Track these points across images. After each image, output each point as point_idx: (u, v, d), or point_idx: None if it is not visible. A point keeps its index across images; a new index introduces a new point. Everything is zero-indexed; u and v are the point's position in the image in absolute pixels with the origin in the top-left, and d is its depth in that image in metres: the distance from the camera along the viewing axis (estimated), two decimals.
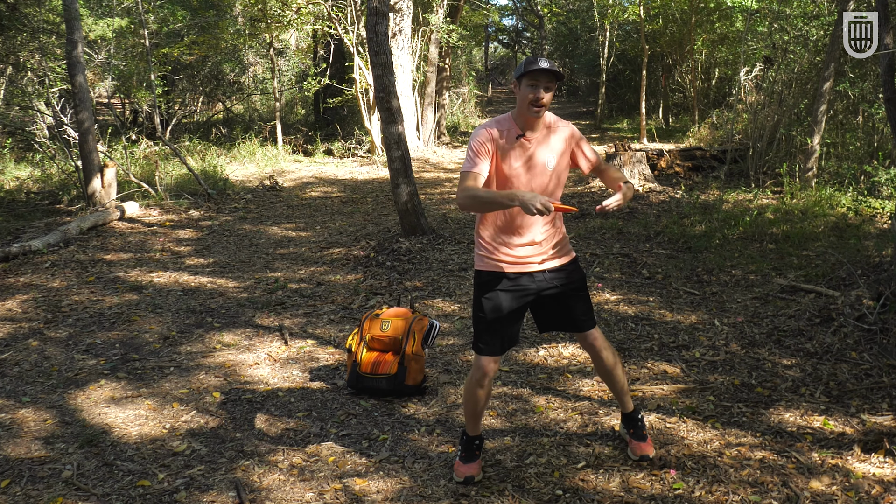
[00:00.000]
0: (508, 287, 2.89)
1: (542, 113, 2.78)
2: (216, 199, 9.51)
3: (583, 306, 2.99)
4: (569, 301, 2.97)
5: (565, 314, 3.00)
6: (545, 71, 2.71)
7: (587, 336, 3.01)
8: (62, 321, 5.14)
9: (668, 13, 16.64)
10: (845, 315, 4.56)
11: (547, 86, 2.74)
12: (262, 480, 3.08)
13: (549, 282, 2.92)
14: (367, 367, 3.85)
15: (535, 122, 2.82)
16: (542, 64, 2.71)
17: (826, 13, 10.64)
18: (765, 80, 11.52)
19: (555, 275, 2.93)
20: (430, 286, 5.75)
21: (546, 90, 2.74)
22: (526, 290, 2.90)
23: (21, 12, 9.10)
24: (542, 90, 2.73)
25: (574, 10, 26.64)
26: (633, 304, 5.21)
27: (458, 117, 20.63)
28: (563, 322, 3.03)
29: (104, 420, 3.64)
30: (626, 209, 8.28)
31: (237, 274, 6.34)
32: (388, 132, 7.03)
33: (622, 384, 3.13)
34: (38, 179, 10.79)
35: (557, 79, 2.75)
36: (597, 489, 2.93)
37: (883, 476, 2.93)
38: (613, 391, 3.18)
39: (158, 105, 14.44)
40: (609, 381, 3.13)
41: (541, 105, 2.75)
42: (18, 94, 12.19)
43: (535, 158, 2.85)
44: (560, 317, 3.01)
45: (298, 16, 14.08)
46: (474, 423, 3.08)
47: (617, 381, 3.12)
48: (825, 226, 7.06)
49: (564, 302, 2.97)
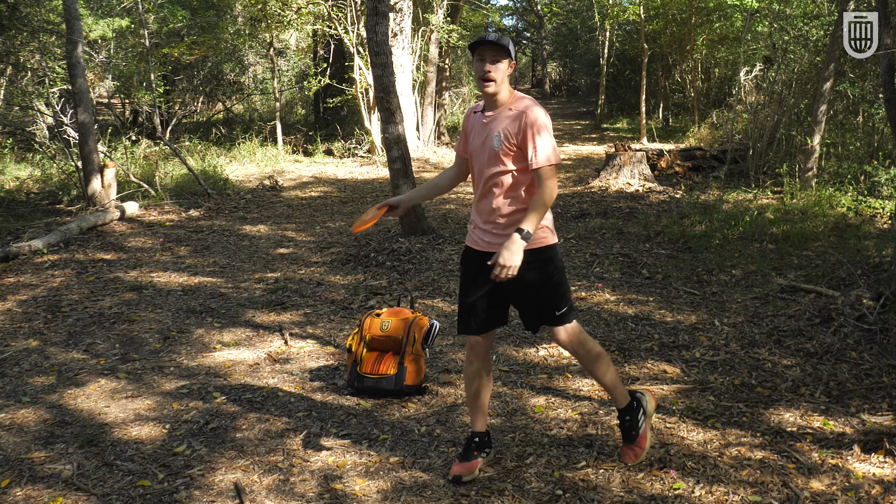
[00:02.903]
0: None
1: (491, 88, 2.76)
2: (216, 199, 9.51)
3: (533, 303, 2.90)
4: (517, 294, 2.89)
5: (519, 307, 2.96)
6: (489, 44, 2.73)
7: (552, 334, 2.93)
8: (62, 321, 5.14)
9: (668, 13, 16.64)
10: (845, 315, 4.56)
11: (493, 59, 2.74)
12: (262, 480, 3.08)
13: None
14: (367, 367, 3.85)
15: (490, 99, 2.82)
16: (487, 38, 2.73)
17: (826, 13, 10.64)
18: (765, 80, 11.53)
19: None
20: (430, 286, 5.75)
21: (492, 63, 2.74)
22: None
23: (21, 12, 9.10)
24: (487, 63, 2.74)
25: (574, 10, 26.65)
26: (633, 304, 5.21)
27: (459, 117, 20.62)
28: (520, 314, 2.99)
29: (104, 420, 3.64)
30: (626, 210, 8.28)
31: (237, 274, 6.34)
32: (388, 132, 7.03)
33: (604, 383, 3.04)
34: (38, 179, 10.79)
35: (504, 52, 2.74)
36: (597, 489, 2.93)
37: (883, 476, 2.93)
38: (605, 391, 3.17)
39: (158, 105, 14.43)
40: (594, 380, 3.11)
41: (488, 79, 2.74)
42: (18, 94, 12.19)
43: (486, 136, 2.83)
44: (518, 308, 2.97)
45: (298, 16, 14.08)
46: (471, 415, 3.09)
47: (597, 381, 3.06)
48: (825, 226, 7.06)
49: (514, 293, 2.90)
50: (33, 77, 11.49)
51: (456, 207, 9.05)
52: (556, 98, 30.76)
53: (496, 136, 2.79)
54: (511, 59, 2.79)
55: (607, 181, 9.59)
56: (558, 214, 8.19)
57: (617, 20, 18.35)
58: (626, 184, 9.44)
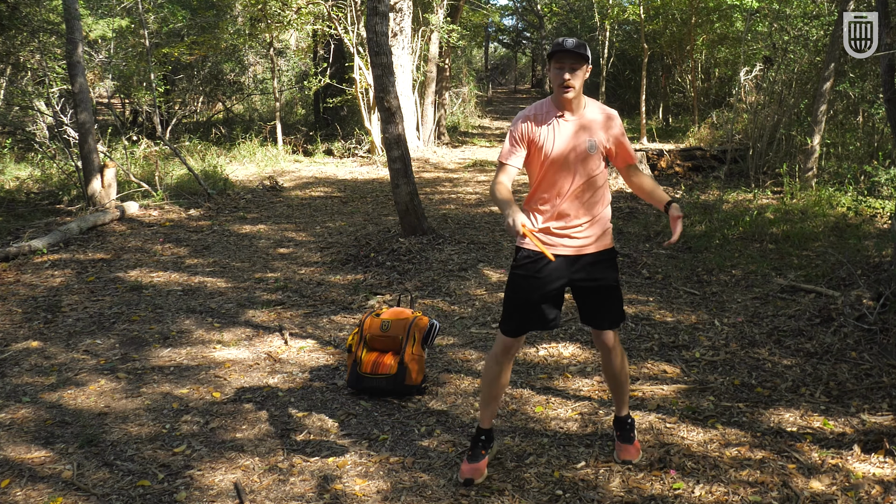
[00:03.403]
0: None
1: (570, 94, 2.81)
2: (216, 199, 9.51)
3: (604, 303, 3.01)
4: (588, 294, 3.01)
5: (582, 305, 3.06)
6: (568, 52, 2.76)
7: (601, 334, 3.05)
8: (62, 321, 5.14)
9: (668, 13, 16.64)
10: (845, 315, 4.56)
11: (572, 66, 2.78)
12: (262, 480, 3.08)
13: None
14: (368, 367, 3.84)
15: (568, 102, 2.85)
16: (566, 45, 2.76)
17: (826, 13, 10.64)
18: (765, 80, 11.52)
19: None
20: (430, 286, 5.75)
21: (571, 71, 2.78)
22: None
23: (21, 12, 9.09)
24: (566, 72, 2.78)
25: (574, 10, 26.65)
26: (633, 304, 5.21)
27: (459, 117, 20.62)
28: (583, 313, 3.09)
29: (104, 420, 3.64)
30: (626, 210, 8.28)
31: (237, 274, 6.34)
32: (387, 132, 7.03)
33: (627, 385, 3.17)
34: (38, 179, 10.79)
35: (583, 59, 2.78)
36: (597, 489, 2.93)
37: (883, 476, 2.93)
38: (613, 394, 3.20)
39: (158, 105, 14.43)
40: (613, 384, 3.16)
41: (568, 86, 2.79)
42: (18, 94, 12.19)
43: (575, 140, 2.88)
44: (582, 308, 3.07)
45: (298, 16, 14.08)
46: (484, 412, 3.10)
47: (619, 386, 3.15)
48: (825, 226, 7.06)
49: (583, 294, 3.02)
50: (33, 77, 11.49)
51: (456, 207, 9.05)
52: None
53: (589, 140, 2.88)
54: (588, 64, 2.84)
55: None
56: None
57: (617, 20, 18.35)
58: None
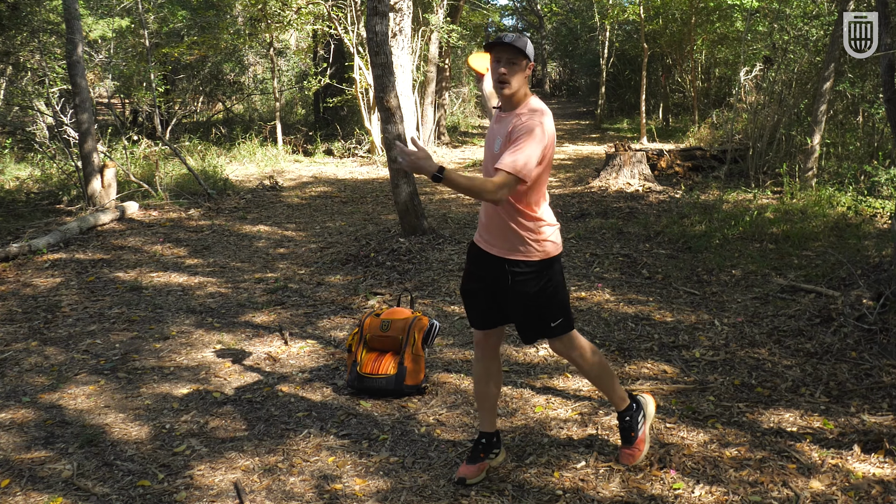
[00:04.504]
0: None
1: (505, 89, 2.72)
2: (216, 199, 9.51)
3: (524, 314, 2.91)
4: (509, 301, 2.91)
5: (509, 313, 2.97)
6: (505, 45, 2.69)
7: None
8: (62, 321, 5.14)
9: (667, 13, 16.64)
10: (845, 315, 4.56)
11: (508, 59, 2.70)
12: (262, 480, 3.08)
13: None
14: (367, 367, 3.85)
15: (505, 99, 2.79)
16: (504, 39, 2.69)
17: (826, 13, 10.64)
18: (765, 80, 11.52)
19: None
20: (430, 286, 5.75)
21: (508, 65, 2.69)
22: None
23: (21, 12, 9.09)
24: (502, 66, 2.70)
25: (574, 10, 26.66)
26: (633, 304, 5.21)
27: (458, 117, 20.63)
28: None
29: (104, 420, 3.64)
30: (626, 210, 8.27)
31: (237, 274, 6.34)
32: (387, 132, 7.03)
33: (602, 388, 3.08)
34: (38, 179, 10.79)
35: (520, 54, 2.70)
36: (597, 489, 2.93)
37: (883, 476, 2.93)
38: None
39: (158, 105, 14.43)
40: (594, 383, 3.12)
41: (503, 81, 2.71)
42: (18, 94, 12.18)
43: (492, 136, 2.84)
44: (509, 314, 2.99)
45: (298, 16, 14.07)
46: (480, 414, 3.10)
47: (596, 387, 3.12)
48: (825, 226, 7.06)
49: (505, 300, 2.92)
50: (33, 77, 11.48)
51: (456, 208, 9.05)
52: (556, 98, 30.78)
53: (498, 138, 2.79)
54: (529, 61, 2.74)
55: (607, 181, 9.60)
56: (558, 214, 8.18)
57: (617, 20, 18.35)
58: (626, 184, 9.45)
